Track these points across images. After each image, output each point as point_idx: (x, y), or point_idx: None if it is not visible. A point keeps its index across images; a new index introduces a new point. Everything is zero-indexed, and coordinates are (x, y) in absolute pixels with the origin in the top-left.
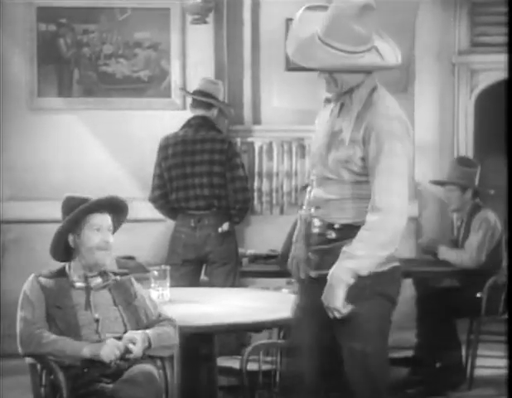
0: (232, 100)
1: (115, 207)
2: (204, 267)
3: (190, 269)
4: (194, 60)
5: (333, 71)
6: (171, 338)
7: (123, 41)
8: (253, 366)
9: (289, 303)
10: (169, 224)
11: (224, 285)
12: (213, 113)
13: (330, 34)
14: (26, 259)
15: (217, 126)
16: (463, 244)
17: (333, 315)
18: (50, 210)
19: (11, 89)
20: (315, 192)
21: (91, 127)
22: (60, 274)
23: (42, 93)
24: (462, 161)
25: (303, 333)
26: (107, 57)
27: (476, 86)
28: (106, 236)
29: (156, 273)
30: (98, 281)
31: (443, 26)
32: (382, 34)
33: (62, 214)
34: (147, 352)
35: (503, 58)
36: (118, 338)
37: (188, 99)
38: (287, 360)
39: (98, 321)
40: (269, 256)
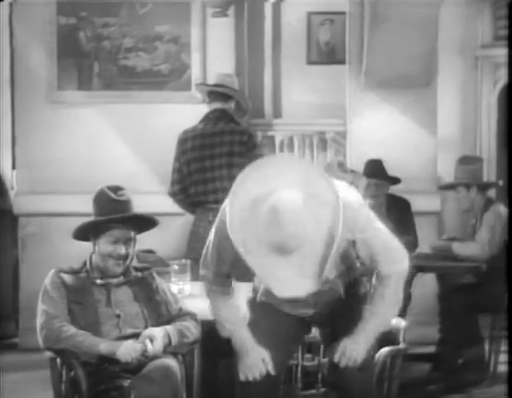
0: (252, 94)
1: (139, 222)
2: None
3: None
4: (214, 53)
5: None
6: (193, 334)
7: (144, 35)
8: None
9: None
10: (189, 218)
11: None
12: (230, 105)
13: None
14: (45, 252)
15: (235, 118)
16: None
17: (346, 363)
18: (69, 203)
19: (30, 82)
20: None
21: (111, 120)
22: (81, 271)
23: (62, 86)
24: (464, 160)
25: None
26: (127, 51)
27: (500, 80)
28: (120, 249)
29: (176, 267)
30: (119, 278)
31: (466, 19)
32: None
33: (93, 208)
34: (168, 350)
35: None
36: (138, 334)
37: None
38: None
39: (119, 316)
40: None
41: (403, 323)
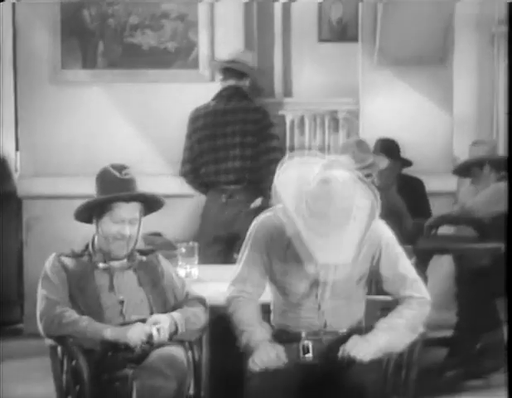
0: (262, 72)
1: (146, 200)
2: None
3: (222, 247)
4: (222, 30)
5: None
6: (200, 320)
7: (150, 13)
8: None
9: None
10: (197, 200)
11: None
12: (245, 83)
13: None
14: (49, 235)
15: (249, 96)
16: None
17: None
18: (74, 186)
19: (34, 62)
20: None
21: (116, 100)
22: (83, 254)
23: (66, 65)
24: (476, 142)
25: None
26: (133, 28)
27: None
28: (124, 229)
29: (183, 250)
30: (122, 262)
31: None
32: None
33: (95, 186)
34: (175, 338)
35: None
36: (143, 321)
37: (217, 73)
38: None
39: (122, 303)
40: None
41: None
